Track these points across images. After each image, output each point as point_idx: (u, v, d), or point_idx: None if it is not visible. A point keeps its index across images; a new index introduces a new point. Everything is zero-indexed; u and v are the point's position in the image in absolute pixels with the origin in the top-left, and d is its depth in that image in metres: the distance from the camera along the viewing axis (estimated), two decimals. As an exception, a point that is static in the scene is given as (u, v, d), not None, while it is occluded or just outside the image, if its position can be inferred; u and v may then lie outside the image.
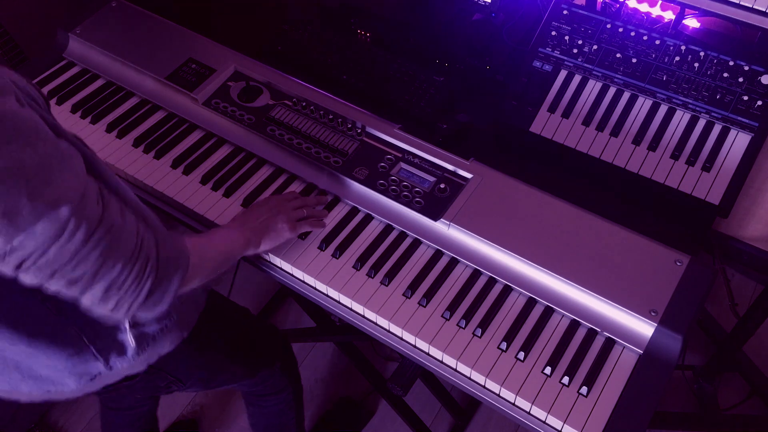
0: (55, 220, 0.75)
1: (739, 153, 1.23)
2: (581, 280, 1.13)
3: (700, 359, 2.10)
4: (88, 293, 0.83)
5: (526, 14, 1.56)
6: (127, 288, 0.85)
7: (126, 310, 0.87)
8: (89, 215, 0.79)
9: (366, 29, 1.59)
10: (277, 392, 1.57)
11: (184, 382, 1.29)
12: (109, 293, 0.84)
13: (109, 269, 0.82)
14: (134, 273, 0.85)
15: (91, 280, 0.82)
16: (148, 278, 0.87)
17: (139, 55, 1.53)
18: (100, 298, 0.84)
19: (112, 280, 0.83)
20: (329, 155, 1.34)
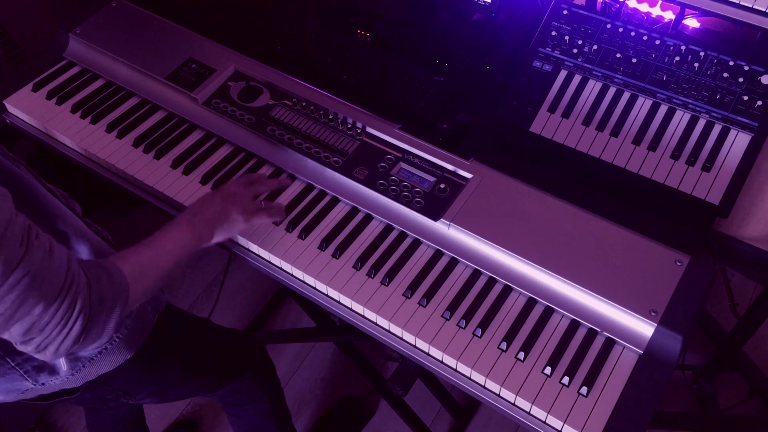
0: None
1: (739, 153, 1.23)
2: (581, 280, 1.13)
3: (700, 359, 2.10)
4: (6, 333, 0.81)
5: (526, 14, 1.56)
6: (50, 331, 0.82)
7: (54, 351, 0.84)
8: (7, 257, 0.76)
9: (366, 29, 1.59)
10: (251, 402, 1.53)
11: (134, 395, 1.25)
12: (29, 335, 0.81)
13: (27, 312, 0.79)
14: (59, 315, 0.82)
15: (6, 322, 0.79)
16: (77, 319, 0.84)
17: (139, 55, 1.53)
18: (21, 340, 0.82)
19: (31, 323, 0.80)
20: (329, 155, 1.34)
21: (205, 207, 1.14)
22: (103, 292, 0.88)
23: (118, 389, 1.21)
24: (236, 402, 1.53)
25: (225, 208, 1.15)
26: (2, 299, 0.77)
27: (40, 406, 2.09)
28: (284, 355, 2.22)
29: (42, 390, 1.10)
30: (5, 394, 1.06)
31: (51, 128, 1.47)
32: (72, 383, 1.11)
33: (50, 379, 1.06)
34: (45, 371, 1.04)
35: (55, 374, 1.06)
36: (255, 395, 1.52)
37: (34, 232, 0.82)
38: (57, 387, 1.10)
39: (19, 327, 0.80)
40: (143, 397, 1.28)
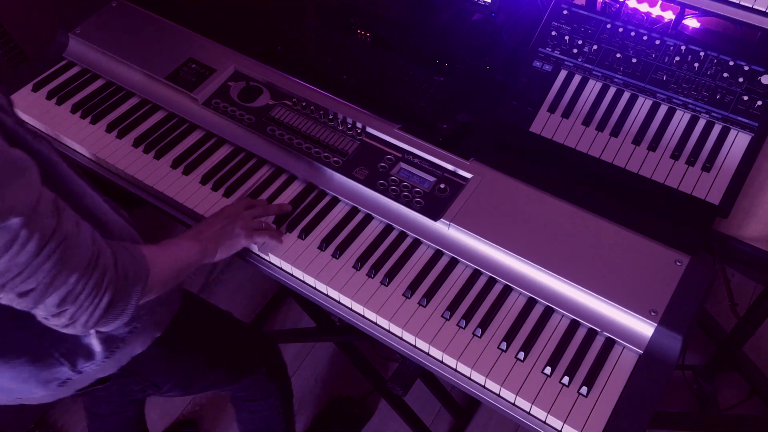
0: (5, 231, 0.74)
1: (739, 153, 1.23)
2: (581, 280, 1.13)
3: (700, 359, 2.10)
4: (41, 305, 0.82)
5: (526, 14, 1.56)
6: (83, 301, 0.83)
7: (83, 323, 0.86)
8: (42, 226, 0.78)
9: (366, 29, 1.59)
10: (264, 398, 1.55)
11: (160, 386, 1.27)
12: (63, 306, 0.82)
13: (63, 281, 0.81)
14: (90, 285, 0.83)
15: (44, 292, 0.80)
16: (106, 291, 0.85)
17: (139, 55, 1.53)
18: (55, 312, 0.83)
19: (66, 293, 0.82)
20: (329, 155, 1.34)
21: (207, 226, 1.19)
22: (127, 267, 0.90)
23: (147, 380, 1.23)
24: (249, 397, 1.55)
25: (226, 225, 1.19)
26: (40, 268, 0.78)
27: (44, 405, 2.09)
28: (284, 355, 2.19)
29: (78, 383, 1.10)
30: (45, 386, 1.05)
31: (51, 128, 1.47)
32: (106, 369, 1.11)
33: (86, 365, 1.06)
34: (80, 354, 1.05)
35: (91, 358, 1.06)
36: (268, 390, 1.54)
37: (62, 204, 0.84)
38: (92, 377, 1.11)
39: (55, 297, 0.81)
40: (169, 388, 1.30)
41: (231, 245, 1.19)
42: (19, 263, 0.76)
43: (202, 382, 1.38)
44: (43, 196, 0.80)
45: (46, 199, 0.80)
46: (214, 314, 1.41)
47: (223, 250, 1.18)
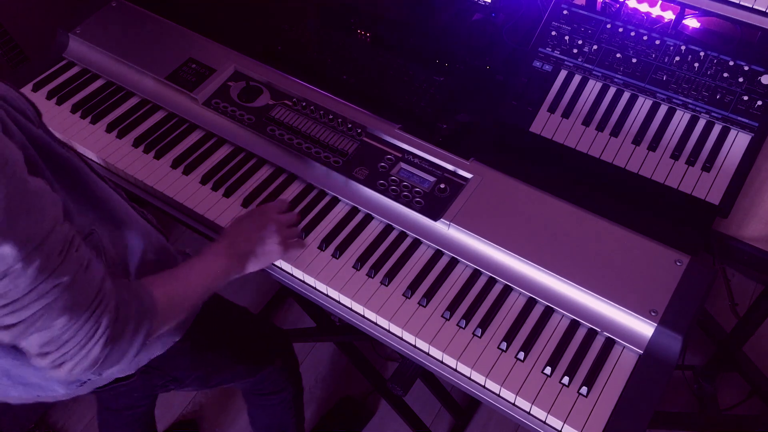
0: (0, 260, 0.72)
1: (739, 153, 1.23)
2: (581, 280, 1.13)
3: (700, 359, 2.10)
4: (23, 342, 0.80)
5: (526, 14, 1.56)
6: (69, 347, 0.80)
7: (69, 369, 0.82)
8: (42, 264, 0.75)
9: (366, 29, 1.59)
10: (277, 391, 1.57)
11: (182, 380, 1.28)
12: (46, 348, 0.80)
13: (49, 324, 0.78)
14: (81, 333, 0.80)
15: (24, 331, 0.78)
16: (98, 341, 0.82)
17: (139, 55, 1.53)
18: (37, 352, 0.81)
19: (51, 337, 0.79)
20: (329, 155, 1.34)
21: (241, 237, 1.13)
22: (129, 318, 0.87)
23: (169, 375, 1.23)
24: (262, 391, 1.56)
25: (264, 241, 1.14)
26: (28, 306, 0.76)
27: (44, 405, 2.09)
28: (284, 355, 2.22)
29: (97, 383, 1.10)
30: (66, 386, 1.05)
31: (51, 128, 1.46)
32: (125, 371, 1.11)
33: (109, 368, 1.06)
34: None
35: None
36: (281, 384, 1.55)
37: (76, 245, 0.81)
38: (111, 377, 1.10)
39: (38, 338, 0.79)
40: (190, 382, 1.30)
41: (265, 260, 1.16)
42: (7, 295, 0.74)
43: (221, 375, 1.39)
44: (55, 231, 0.77)
45: (57, 238, 0.77)
46: (231, 308, 1.42)
47: (253, 265, 1.14)
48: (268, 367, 1.49)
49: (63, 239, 0.78)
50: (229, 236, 1.14)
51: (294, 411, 1.64)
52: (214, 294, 1.33)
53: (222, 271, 1.08)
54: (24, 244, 0.73)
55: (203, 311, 1.23)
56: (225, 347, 1.35)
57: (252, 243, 1.14)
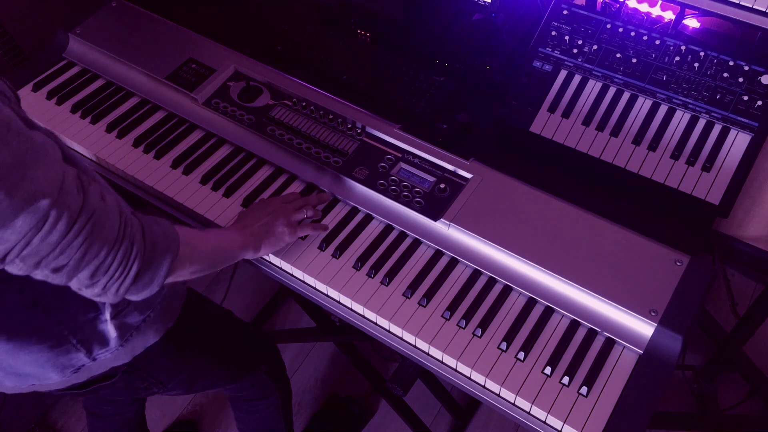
0: (35, 213, 0.76)
1: (739, 153, 1.23)
2: (581, 280, 1.13)
3: (700, 359, 2.10)
4: (74, 279, 0.84)
5: (526, 14, 1.56)
6: (113, 271, 0.86)
7: (114, 291, 0.88)
8: (69, 205, 0.80)
9: (366, 29, 1.59)
10: (263, 397, 1.56)
11: (165, 384, 1.28)
12: (95, 277, 0.85)
13: (94, 255, 0.83)
14: (119, 256, 0.86)
15: (76, 267, 0.82)
16: (134, 261, 0.88)
17: (139, 55, 1.53)
18: (87, 283, 0.86)
19: (97, 265, 0.84)
20: (329, 155, 1.34)
21: (252, 220, 1.19)
22: (156, 239, 0.92)
23: (152, 377, 1.24)
24: (249, 396, 1.55)
25: (271, 221, 1.20)
26: (71, 245, 0.80)
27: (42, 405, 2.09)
28: (284, 355, 2.18)
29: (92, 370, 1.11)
30: (61, 372, 1.07)
31: (51, 128, 1.46)
32: (121, 358, 1.13)
33: (101, 352, 1.08)
34: (96, 340, 1.06)
35: (105, 345, 1.08)
36: (268, 390, 1.55)
37: (85, 180, 0.85)
38: (106, 365, 1.12)
39: (87, 270, 0.84)
40: (173, 386, 1.30)
41: (276, 242, 1.20)
42: (51, 242, 0.79)
43: (205, 380, 1.39)
44: (67, 173, 0.81)
45: (71, 176, 0.82)
46: (217, 312, 1.42)
47: (267, 246, 1.19)
48: (253, 373, 1.48)
49: (75, 177, 0.83)
50: (241, 221, 1.20)
51: (281, 417, 1.63)
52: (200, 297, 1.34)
53: (236, 243, 1.14)
54: (50, 191, 0.77)
55: (187, 312, 1.23)
56: (209, 351, 1.35)
57: (260, 225, 1.19)
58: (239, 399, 1.58)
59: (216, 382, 1.43)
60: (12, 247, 0.77)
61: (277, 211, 1.21)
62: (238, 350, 1.45)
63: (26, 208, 0.75)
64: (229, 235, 1.14)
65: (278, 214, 1.21)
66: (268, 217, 1.20)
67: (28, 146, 0.77)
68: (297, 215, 1.24)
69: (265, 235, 1.18)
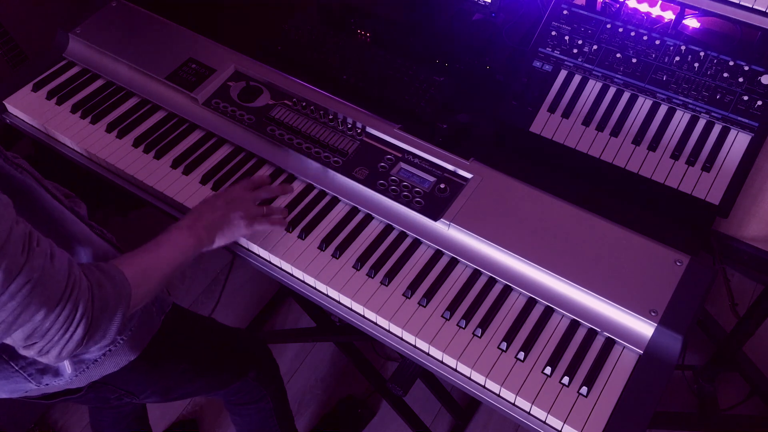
0: None
1: (739, 153, 1.23)
2: (581, 280, 1.13)
3: (700, 359, 2.10)
4: (8, 339, 0.81)
5: (526, 14, 1.56)
6: (53, 335, 0.83)
7: (56, 354, 0.85)
8: (9, 265, 0.76)
9: (366, 29, 1.59)
10: (254, 401, 1.53)
11: (137, 395, 1.26)
12: (30, 340, 0.82)
13: (28, 318, 0.80)
14: (60, 320, 0.82)
15: (7, 329, 0.79)
16: (79, 324, 0.84)
17: (139, 55, 1.53)
18: (22, 345, 0.82)
19: (33, 329, 0.81)
20: (329, 155, 1.34)
21: (207, 211, 1.15)
22: (106, 297, 0.88)
23: (122, 389, 1.22)
24: (239, 401, 1.53)
25: (227, 212, 1.16)
26: (3, 307, 0.77)
27: (42, 405, 2.09)
28: (284, 355, 2.22)
29: (46, 389, 1.10)
30: (9, 393, 1.06)
31: (51, 128, 1.47)
32: (76, 383, 1.11)
33: (54, 381, 1.06)
34: (49, 373, 1.05)
35: (59, 376, 1.06)
36: (258, 395, 1.52)
37: (35, 239, 0.82)
38: (61, 387, 1.11)
39: (20, 333, 0.81)
40: (146, 396, 1.28)
41: (230, 234, 1.16)
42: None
43: (182, 389, 1.36)
44: (13, 232, 0.78)
45: (17, 236, 0.78)
46: (196, 324, 1.38)
47: (221, 238, 1.15)
48: (239, 380, 1.45)
49: (22, 236, 0.79)
50: (195, 212, 1.15)
51: (276, 419, 1.60)
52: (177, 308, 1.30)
53: (188, 244, 1.09)
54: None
55: (165, 331, 1.20)
56: (186, 363, 1.31)
57: (216, 216, 1.14)
58: (230, 403, 1.55)
59: (196, 390, 1.39)
60: None
61: (236, 201, 1.18)
62: (220, 360, 1.41)
63: None
64: (181, 241, 1.08)
65: (237, 204, 1.17)
66: (225, 207, 1.16)
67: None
68: (256, 208, 1.20)
69: (219, 227, 1.14)
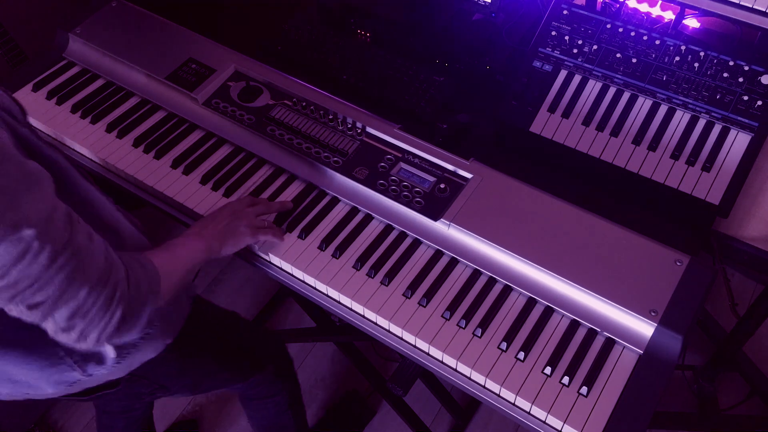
0: (17, 242, 0.74)
1: (739, 153, 1.23)
2: (581, 280, 1.13)
3: (700, 359, 2.10)
4: (50, 319, 0.81)
5: (526, 14, 1.56)
6: (93, 316, 0.83)
7: (95, 339, 0.85)
8: (54, 238, 0.77)
9: (366, 29, 1.59)
10: (271, 395, 1.56)
11: (169, 388, 1.28)
12: (73, 320, 0.82)
13: (73, 295, 0.80)
14: (101, 300, 0.83)
15: (53, 305, 0.79)
16: (118, 306, 0.85)
17: (139, 55, 1.53)
18: (64, 326, 0.82)
19: (76, 307, 0.81)
20: (329, 155, 1.34)
21: (212, 223, 1.18)
22: (140, 281, 0.90)
23: (156, 382, 1.23)
24: (256, 395, 1.55)
25: (231, 223, 1.19)
26: (51, 281, 0.77)
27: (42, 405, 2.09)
28: (284, 355, 2.22)
29: (87, 383, 1.10)
30: (55, 386, 1.06)
31: (51, 128, 1.47)
32: (117, 373, 1.12)
33: (97, 369, 1.07)
34: (93, 360, 1.05)
35: (102, 363, 1.07)
36: (275, 389, 1.55)
37: (75, 217, 0.83)
38: (102, 378, 1.11)
39: (64, 311, 0.80)
40: (178, 389, 1.30)
41: (235, 243, 1.19)
42: (30, 275, 0.76)
43: (210, 381, 1.39)
44: (57, 207, 0.80)
45: (60, 211, 0.80)
46: (221, 315, 1.41)
47: (227, 248, 1.18)
48: (260, 373, 1.48)
49: (65, 213, 0.81)
50: (200, 223, 1.19)
51: (291, 413, 1.63)
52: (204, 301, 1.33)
53: (201, 252, 1.11)
54: (37, 222, 0.75)
55: (193, 320, 1.23)
56: (213, 354, 1.34)
57: (221, 226, 1.17)
58: (247, 398, 1.58)
59: (221, 383, 1.43)
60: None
61: (238, 212, 1.21)
62: (244, 352, 1.44)
63: (8, 236, 0.73)
64: (192, 246, 1.11)
65: (239, 215, 1.20)
66: (229, 218, 1.19)
67: (19, 174, 0.75)
68: (257, 219, 1.23)
69: (226, 236, 1.17)
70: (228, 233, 1.17)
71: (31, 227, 0.75)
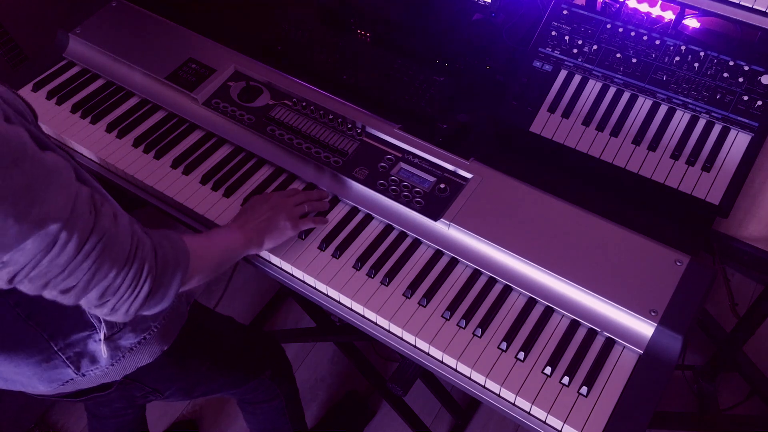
0: (44, 236, 0.76)
1: (739, 153, 1.23)
2: (581, 280, 1.13)
3: (700, 359, 2.10)
4: (83, 299, 0.84)
5: (526, 14, 1.56)
6: (123, 292, 0.86)
7: (125, 311, 0.88)
8: (80, 226, 0.79)
9: (366, 29, 1.59)
10: (268, 400, 1.56)
11: (163, 392, 1.28)
12: (104, 298, 0.85)
13: (103, 276, 0.83)
14: (129, 277, 0.86)
15: (85, 288, 0.82)
16: (145, 281, 0.88)
17: (139, 55, 1.53)
18: (96, 303, 0.86)
19: (106, 286, 0.84)
20: (329, 155, 1.34)
21: (253, 216, 1.19)
22: (167, 257, 0.92)
23: (149, 386, 1.24)
24: (254, 400, 1.55)
25: (272, 216, 1.19)
26: (80, 267, 0.80)
27: (42, 405, 2.09)
28: (284, 355, 2.22)
29: (81, 384, 1.11)
30: (47, 383, 1.07)
31: (51, 128, 1.47)
32: (111, 376, 1.12)
33: (91, 369, 1.08)
34: (86, 358, 1.06)
35: (95, 363, 1.07)
36: (273, 393, 1.55)
37: (99, 199, 0.85)
38: (96, 381, 1.12)
39: (96, 291, 0.84)
40: (171, 393, 1.30)
41: (278, 236, 1.20)
42: (60, 264, 0.78)
43: (205, 387, 1.39)
44: (80, 194, 0.81)
45: (83, 198, 0.82)
46: (218, 321, 1.41)
47: (269, 242, 1.19)
48: (256, 379, 1.48)
49: (88, 198, 0.83)
50: (240, 217, 1.20)
51: (288, 417, 1.62)
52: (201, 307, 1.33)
53: (239, 243, 1.14)
54: (61, 214, 0.77)
55: (190, 327, 1.23)
56: (209, 360, 1.34)
57: (262, 220, 1.18)
58: (244, 402, 1.58)
59: (217, 388, 1.42)
60: (21, 268, 0.77)
61: (279, 206, 1.21)
62: (240, 357, 1.44)
63: (36, 231, 0.75)
64: (232, 236, 1.14)
65: (280, 208, 1.21)
66: (270, 211, 1.20)
67: (40, 170, 0.77)
68: (298, 209, 1.24)
69: (267, 229, 1.18)
70: (270, 227, 1.18)
71: (57, 221, 0.77)
